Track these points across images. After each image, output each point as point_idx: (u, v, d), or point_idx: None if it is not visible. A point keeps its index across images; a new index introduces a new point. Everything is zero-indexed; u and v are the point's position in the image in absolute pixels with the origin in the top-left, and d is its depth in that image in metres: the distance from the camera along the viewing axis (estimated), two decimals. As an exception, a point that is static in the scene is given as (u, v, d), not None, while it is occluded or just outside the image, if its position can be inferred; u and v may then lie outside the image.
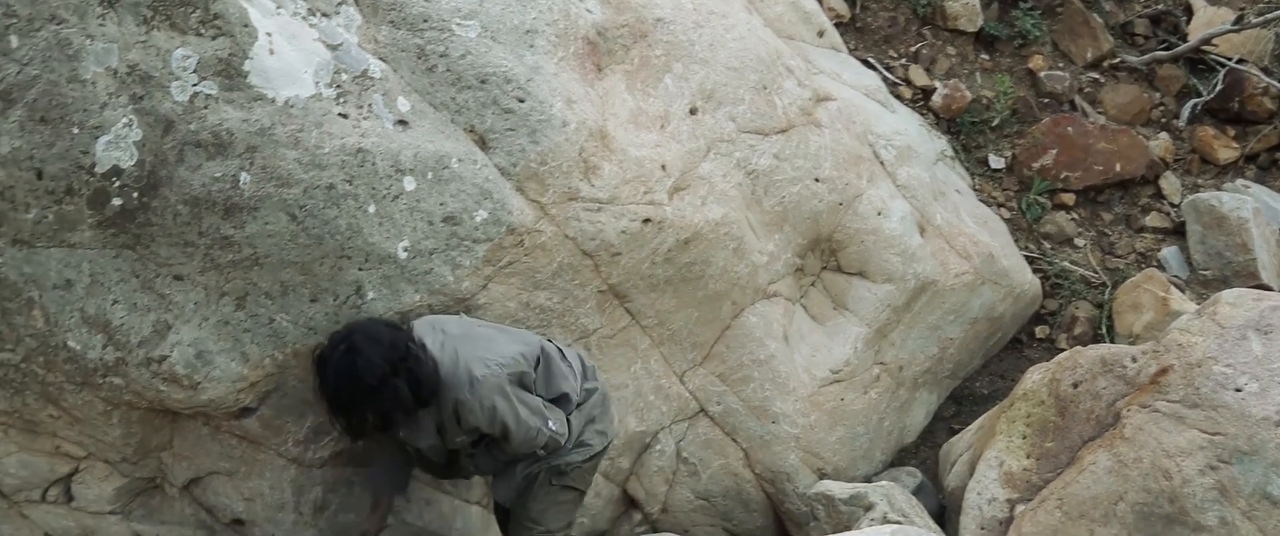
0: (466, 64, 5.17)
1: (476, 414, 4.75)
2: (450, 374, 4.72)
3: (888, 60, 7.90)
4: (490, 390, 4.73)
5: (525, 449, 4.91)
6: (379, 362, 4.61)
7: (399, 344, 4.69)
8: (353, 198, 4.88)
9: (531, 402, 4.88)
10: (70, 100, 4.64)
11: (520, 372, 4.85)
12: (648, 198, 5.52)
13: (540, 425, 4.87)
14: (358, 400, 4.67)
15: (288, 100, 4.82)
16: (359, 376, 4.62)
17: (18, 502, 5.29)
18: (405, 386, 4.65)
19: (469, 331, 4.91)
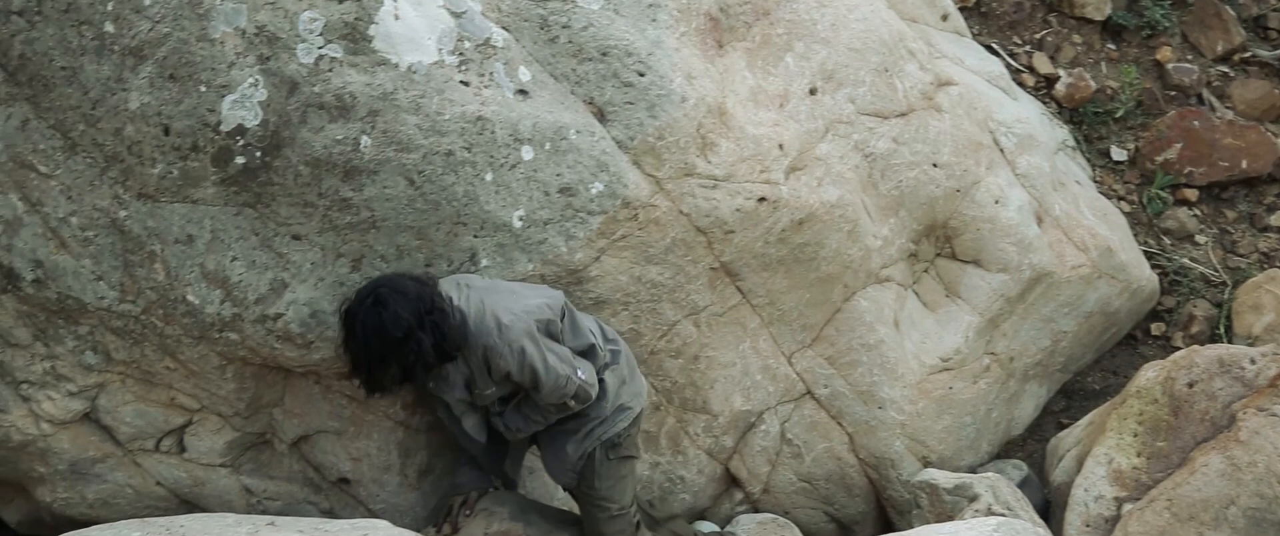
0: (588, 36, 5.17)
1: (506, 358, 4.73)
2: (478, 322, 4.73)
3: (1011, 46, 7.78)
4: (518, 334, 4.72)
5: (555, 397, 4.86)
6: (406, 315, 4.62)
7: (426, 297, 4.69)
8: (471, 165, 4.90)
9: (559, 350, 4.84)
10: (199, 59, 4.71)
11: (546, 320, 4.82)
12: (764, 176, 5.48)
13: (569, 373, 4.82)
14: (384, 353, 4.67)
15: (411, 66, 4.85)
16: (386, 329, 4.63)
17: (132, 451, 5.38)
18: (429, 339, 4.66)
19: (493, 285, 4.92)
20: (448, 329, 4.69)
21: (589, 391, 4.92)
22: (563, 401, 4.90)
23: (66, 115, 4.77)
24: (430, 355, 4.69)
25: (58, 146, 4.80)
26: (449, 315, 4.71)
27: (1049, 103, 7.65)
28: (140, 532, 4.72)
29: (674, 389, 5.67)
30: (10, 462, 5.39)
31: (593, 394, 4.94)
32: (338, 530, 4.77)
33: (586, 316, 5.12)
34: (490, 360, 4.77)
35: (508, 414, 5.04)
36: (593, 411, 5.04)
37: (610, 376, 5.05)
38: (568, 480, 5.18)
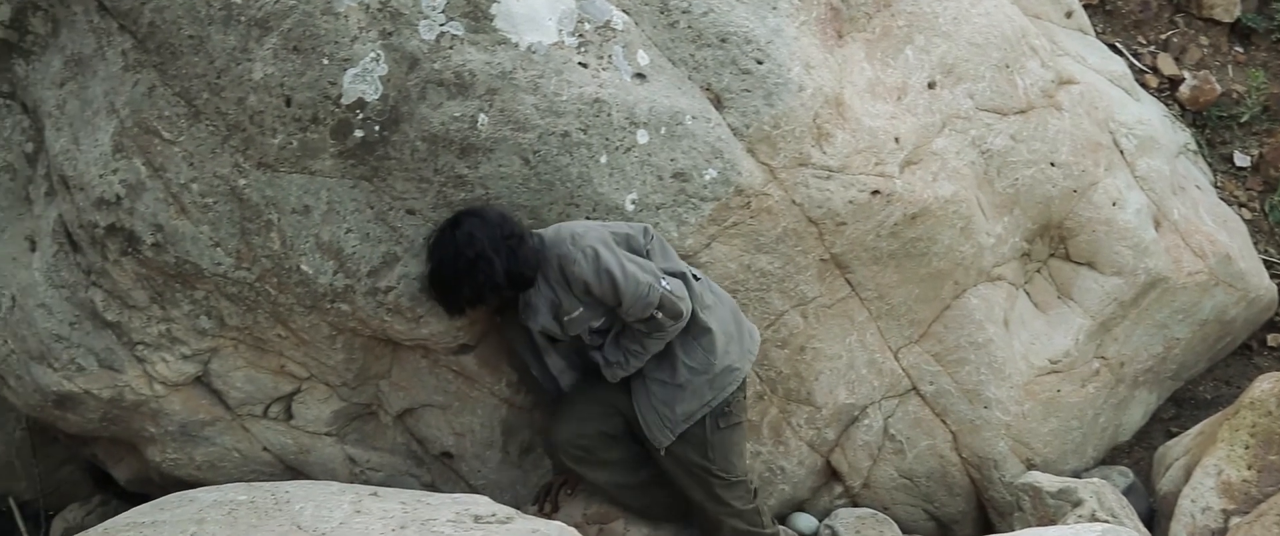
0: (708, 21, 5.15)
1: (581, 263, 4.71)
2: (554, 237, 4.78)
3: (1136, 46, 7.65)
4: (592, 240, 4.72)
5: (639, 309, 4.75)
6: (479, 236, 4.71)
7: (506, 224, 4.75)
8: (586, 147, 4.91)
9: (639, 260, 4.79)
10: (323, 32, 4.75)
11: (625, 235, 4.83)
12: (878, 169, 5.44)
13: (651, 281, 4.73)
14: (457, 273, 4.76)
15: (530, 46, 4.87)
16: (459, 248, 4.72)
17: (241, 416, 5.46)
18: (502, 263, 4.70)
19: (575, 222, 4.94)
20: (522, 252, 4.73)
21: (678, 305, 4.80)
22: (651, 315, 4.77)
23: (192, 83, 4.84)
24: (501, 277, 4.73)
25: (182, 113, 4.87)
26: (525, 242, 4.76)
27: (1172, 105, 7.51)
28: (247, 496, 4.78)
29: (778, 379, 5.64)
30: (123, 421, 5.49)
31: (684, 309, 4.82)
32: (439, 503, 4.81)
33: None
34: (566, 270, 4.75)
35: (607, 347, 4.97)
36: (700, 361, 4.94)
37: (713, 322, 4.94)
38: (665, 439, 5.04)
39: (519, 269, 4.74)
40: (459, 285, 4.79)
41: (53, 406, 5.48)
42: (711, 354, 4.93)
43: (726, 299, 5.09)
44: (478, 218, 4.76)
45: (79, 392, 5.37)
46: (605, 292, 4.74)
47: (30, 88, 5.34)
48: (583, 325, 4.88)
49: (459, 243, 4.73)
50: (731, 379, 5.01)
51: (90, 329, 5.28)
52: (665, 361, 4.95)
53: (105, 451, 5.96)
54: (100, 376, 5.31)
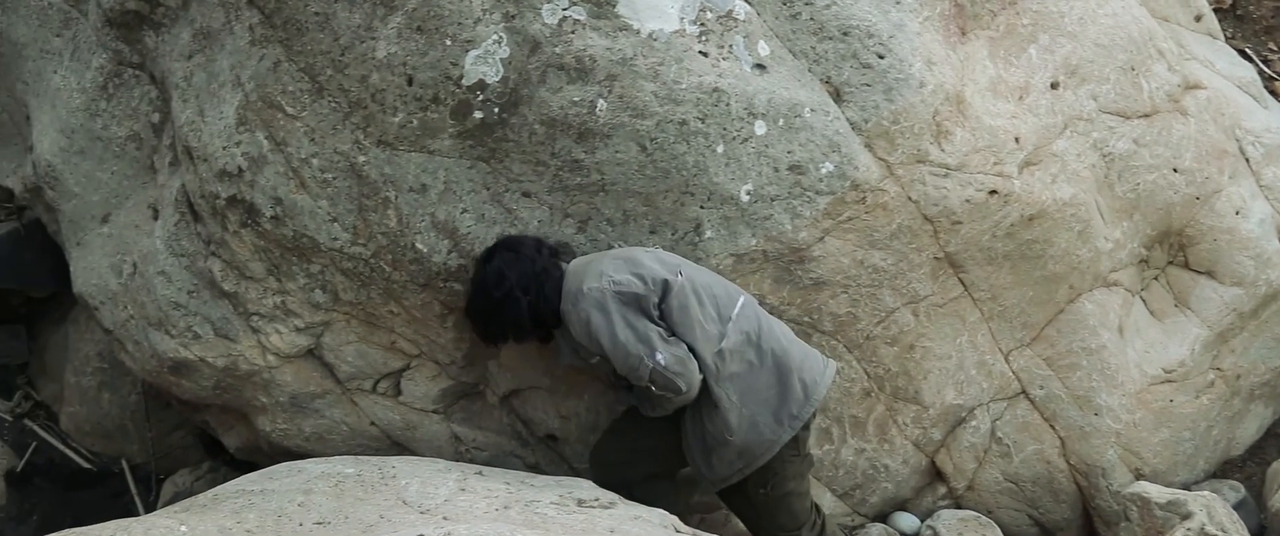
0: (831, 14, 5.11)
1: (575, 328, 4.68)
2: (565, 287, 4.72)
3: (1267, 52, 7.49)
4: (589, 303, 4.61)
5: (633, 379, 4.68)
6: (509, 275, 4.72)
7: (538, 263, 4.74)
8: (703, 136, 4.90)
9: (640, 327, 4.60)
10: (447, 12, 4.79)
11: (634, 295, 4.61)
12: (997, 169, 5.37)
13: (642, 354, 4.56)
14: (485, 310, 4.82)
15: (651, 33, 4.87)
16: (486, 287, 4.76)
17: (350, 390, 5.53)
18: (528, 303, 4.71)
19: (624, 251, 4.84)
20: (549, 292, 4.72)
21: (674, 381, 4.62)
22: (643, 385, 4.68)
23: (316, 60, 4.89)
24: (525, 319, 4.76)
25: (305, 89, 4.93)
26: (554, 281, 4.74)
27: (1301, 113, 7.34)
28: (354, 469, 4.82)
29: (886, 376, 5.60)
30: (235, 390, 5.58)
31: (681, 385, 4.63)
32: (543, 484, 4.82)
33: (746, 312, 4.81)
34: (567, 325, 4.75)
35: (620, 390, 5.01)
36: (715, 431, 4.78)
37: (728, 394, 4.74)
38: (708, 487, 5.06)
39: (545, 310, 4.74)
40: (490, 322, 4.87)
41: (168, 372, 5.58)
42: (726, 429, 4.77)
43: (773, 356, 4.81)
44: (511, 253, 4.79)
45: (194, 360, 5.46)
46: (595, 351, 4.71)
47: (159, 59, 5.44)
48: (606, 369, 4.84)
49: (488, 280, 4.78)
50: (762, 448, 4.83)
51: (208, 298, 5.37)
52: (697, 415, 4.85)
53: (216, 419, 6.06)
54: (215, 345, 5.40)
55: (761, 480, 4.94)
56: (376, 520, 4.37)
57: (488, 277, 4.77)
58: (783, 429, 4.83)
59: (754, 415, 4.79)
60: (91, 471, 6.98)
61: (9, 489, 6.79)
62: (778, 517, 5.07)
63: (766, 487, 4.97)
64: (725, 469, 4.90)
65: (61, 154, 5.76)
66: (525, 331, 4.85)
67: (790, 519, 5.10)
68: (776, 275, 5.19)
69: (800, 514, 5.12)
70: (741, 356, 4.76)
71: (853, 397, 5.61)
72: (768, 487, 4.97)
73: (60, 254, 6.37)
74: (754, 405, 4.79)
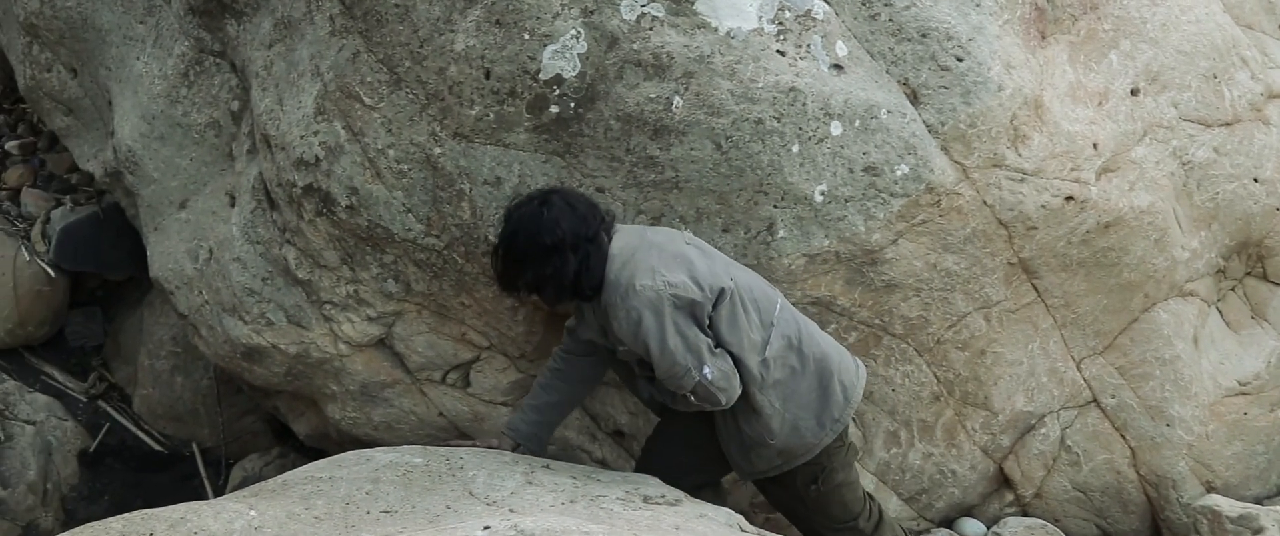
0: (910, 15, 5.08)
1: (620, 322, 4.46)
2: (615, 275, 4.49)
3: (1351, 62, 7.35)
4: (643, 303, 4.41)
5: (671, 385, 4.54)
6: (564, 227, 4.48)
7: (592, 224, 4.54)
8: (779, 135, 4.88)
9: (691, 336, 4.45)
10: (526, 7, 4.80)
11: (689, 300, 4.43)
12: (1074, 175, 5.32)
13: (691, 366, 4.44)
14: (527, 254, 4.54)
15: (730, 31, 4.85)
16: (539, 230, 4.50)
17: (420, 380, 5.56)
18: (574, 265, 4.49)
19: (664, 240, 4.64)
20: (594, 264, 4.51)
21: (716, 395, 4.53)
22: (682, 393, 4.58)
23: (395, 51, 4.92)
24: (568, 279, 4.52)
25: (383, 80, 4.96)
26: (602, 254, 4.52)
27: (1385, 125, 7.20)
28: (422, 459, 4.84)
29: (956, 381, 5.57)
30: (306, 377, 5.63)
31: (722, 399, 4.55)
32: (609, 480, 4.83)
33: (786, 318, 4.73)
34: (609, 316, 4.54)
35: (654, 384, 4.77)
36: (756, 434, 4.72)
37: (771, 401, 4.67)
38: (744, 479, 5.06)
39: (586, 279, 4.54)
40: (524, 267, 4.60)
41: (241, 358, 5.64)
42: (767, 433, 4.71)
43: (815, 361, 4.74)
44: (568, 206, 4.56)
45: (267, 346, 5.51)
46: (639, 351, 4.56)
47: (240, 47, 5.49)
48: (632, 356, 4.74)
49: (542, 224, 4.51)
50: (803, 449, 4.79)
51: (282, 285, 5.42)
52: (735, 418, 4.76)
53: (287, 405, 6.12)
54: (288, 332, 5.45)
55: (810, 476, 4.90)
56: (443, 510, 4.39)
57: (542, 222, 4.50)
58: (825, 432, 4.79)
59: (796, 419, 4.72)
60: (162, 454, 7.07)
61: (81, 469, 6.89)
62: (831, 510, 5.03)
63: (816, 483, 4.92)
64: (764, 464, 4.86)
65: (142, 140, 5.83)
66: (562, 292, 4.59)
67: (843, 510, 5.04)
68: (848, 276, 5.16)
69: (853, 504, 5.06)
70: (784, 362, 4.68)
71: (922, 401, 5.58)
72: (818, 483, 4.92)
73: (137, 238, 6.46)
74: (796, 409, 4.72)
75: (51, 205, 7.50)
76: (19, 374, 7.14)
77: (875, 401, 5.57)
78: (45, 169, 7.88)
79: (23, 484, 6.54)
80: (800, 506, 5.08)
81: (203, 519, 4.20)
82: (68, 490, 6.77)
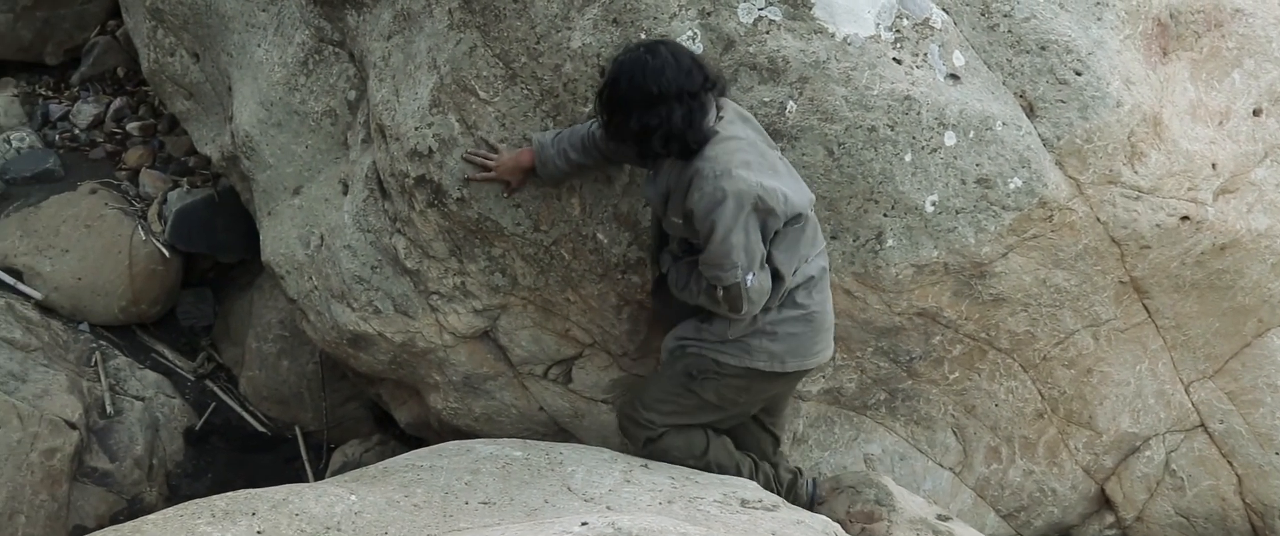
0: (1029, 27, 5.02)
1: (701, 194, 4.36)
2: (716, 151, 4.40)
3: None
4: (733, 188, 4.34)
5: (710, 273, 4.48)
6: (671, 76, 4.32)
7: (698, 81, 4.37)
8: (892, 143, 4.85)
9: (755, 240, 4.43)
10: (643, 6, 4.81)
11: (769, 210, 4.41)
12: (1191, 194, 5.23)
13: (742, 263, 4.41)
14: (630, 99, 4.37)
15: (846, 37, 4.83)
16: (646, 77, 4.33)
17: (522, 374, 5.60)
18: (680, 115, 4.33)
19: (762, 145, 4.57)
20: (698, 121, 4.37)
21: (744, 304, 4.51)
22: (713, 286, 4.52)
23: (512, 46, 4.95)
24: (675, 130, 4.36)
25: (499, 75, 4.99)
26: (706, 113, 4.40)
27: None
28: (522, 452, 4.88)
29: (1061, 398, 5.50)
30: (411, 366, 5.69)
31: (745, 310, 4.54)
32: (707, 482, 4.83)
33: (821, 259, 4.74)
34: (691, 184, 4.42)
35: (680, 263, 4.72)
36: (714, 329, 4.74)
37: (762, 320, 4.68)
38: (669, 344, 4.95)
39: (691, 134, 4.38)
40: (629, 113, 4.41)
41: (347, 344, 5.71)
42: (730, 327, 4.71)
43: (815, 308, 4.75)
44: (674, 57, 4.37)
45: (373, 334, 5.58)
46: (701, 230, 4.44)
47: (359, 38, 5.56)
48: (676, 234, 4.67)
49: (648, 71, 4.34)
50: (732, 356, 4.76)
51: (390, 274, 5.47)
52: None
53: (390, 393, 6.19)
54: (395, 320, 5.51)
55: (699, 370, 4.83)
56: (541, 504, 4.42)
57: (648, 70, 4.34)
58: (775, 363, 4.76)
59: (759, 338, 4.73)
60: (265, 435, 7.18)
61: (186, 446, 7.00)
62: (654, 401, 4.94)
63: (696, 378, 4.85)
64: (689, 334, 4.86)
65: (259, 125, 5.92)
66: (670, 142, 4.40)
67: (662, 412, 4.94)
68: (956, 288, 5.12)
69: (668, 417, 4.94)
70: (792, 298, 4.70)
71: (1025, 418, 5.53)
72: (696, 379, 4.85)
73: (250, 222, 6.57)
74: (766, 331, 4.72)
75: (169, 187, 7.64)
76: (131, 351, 7.28)
77: (977, 415, 5.52)
78: (164, 151, 8.03)
79: (130, 458, 6.67)
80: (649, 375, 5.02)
81: (304, 501, 4.26)
82: (172, 466, 6.88)
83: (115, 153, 8.06)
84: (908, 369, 5.39)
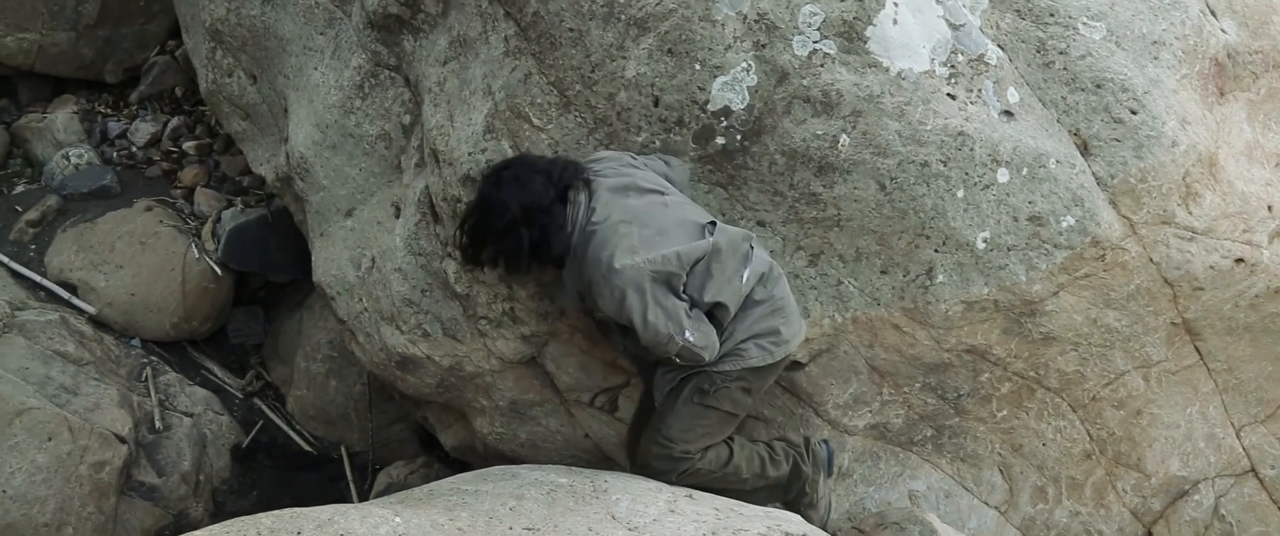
0: (1085, 65, 5.01)
1: (605, 299, 4.57)
2: (595, 252, 4.56)
3: None
4: (624, 282, 4.52)
5: (656, 351, 4.68)
6: (513, 206, 4.59)
7: (546, 196, 4.60)
8: (944, 179, 4.84)
9: (670, 306, 4.58)
10: (698, 37, 4.82)
11: (668, 273, 4.56)
12: (1246, 237, 5.19)
13: (672, 333, 4.58)
14: (484, 231, 4.69)
15: (901, 72, 4.83)
16: (491, 211, 4.64)
17: (568, 401, 5.60)
18: (530, 239, 4.60)
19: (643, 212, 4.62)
20: (553, 237, 4.62)
21: (699, 354, 4.68)
22: (666, 356, 4.72)
23: (566, 75, 4.97)
24: (525, 254, 4.65)
25: (553, 103, 5.02)
26: (562, 227, 4.62)
27: None
28: (566, 479, 4.87)
29: (1109, 440, 5.46)
30: (457, 390, 5.70)
31: (705, 357, 4.70)
32: (752, 515, 4.80)
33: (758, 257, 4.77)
34: (592, 289, 4.63)
35: (629, 338, 4.83)
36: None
37: (739, 324, 4.76)
38: (659, 397, 5.00)
39: (545, 252, 4.67)
40: (482, 247, 4.77)
41: (395, 366, 5.73)
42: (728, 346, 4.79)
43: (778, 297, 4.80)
44: (517, 184, 4.64)
45: (421, 357, 5.59)
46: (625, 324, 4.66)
47: (415, 63, 5.59)
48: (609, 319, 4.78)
49: (494, 205, 4.65)
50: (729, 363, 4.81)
51: (440, 298, 5.49)
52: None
53: (436, 416, 6.21)
54: (443, 344, 5.53)
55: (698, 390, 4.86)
56: (585, 532, 4.41)
57: (492, 205, 4.66)
58: (767, 354, 4.81)
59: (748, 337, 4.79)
60: (311, 454, 7.21)
61: (233, 463, 7.05)
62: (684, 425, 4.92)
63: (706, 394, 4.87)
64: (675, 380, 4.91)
65: (314, 147, 5.97)
66: (519, 266, 4.76)
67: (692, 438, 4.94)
68: (1005, 326, 5.10)
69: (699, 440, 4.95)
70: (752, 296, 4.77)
71: (1072, 458, 5.48)
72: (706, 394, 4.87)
73: (302, 243, 6.61)
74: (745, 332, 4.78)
75: (223, 205, 7.72)
76: (181, 367, 7.34)
77: (1024, 454, 5.48)
78: (219, 170, 8.11)
79: (177, 473, 6.71)
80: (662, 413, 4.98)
81: (350, 521, 4.26)
82: (219, 483, 6.93)
83: (171, 171, 8.15)
84: (955, 406, 5.36)
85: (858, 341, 5.09)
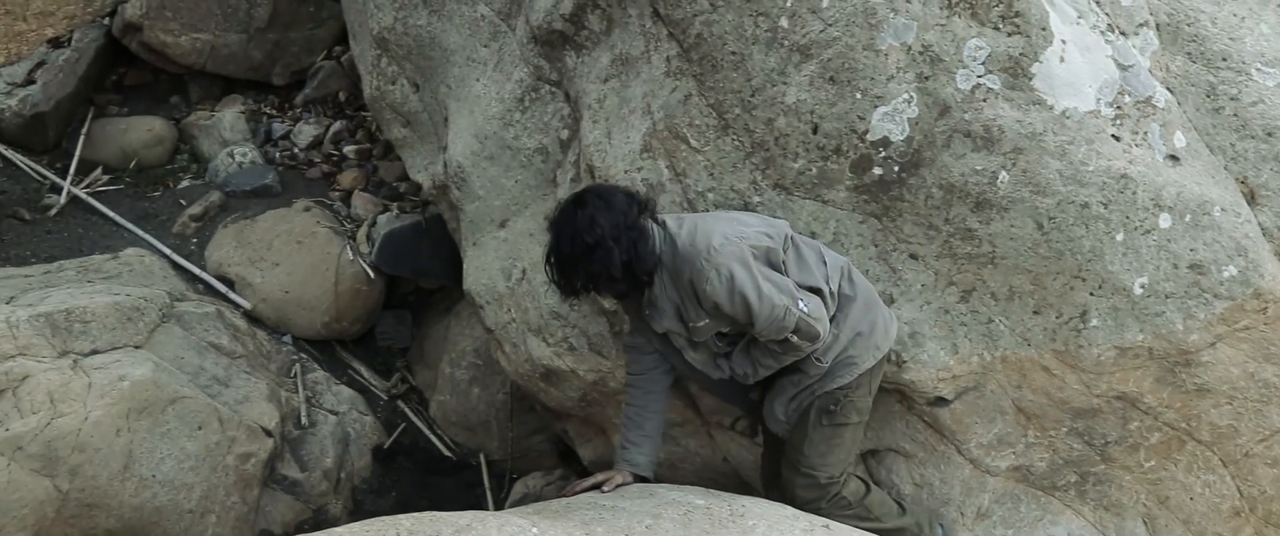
0: (1256, 112, 4.90)
1: (714, 283, 4.49)
2: (688, 246, 4.55)
3: None
4: (728, 257, 4.48)
5: (773, 332, 4.56)
6: (602, 222, 4.53)
7: (630, 213, 4.58)
8: (1104, 221, 4.77)
9: (777, 279, 4.55)
10: (860, 66, 4.81)
11: (765, 248, 4.57)
12: None
13: (787, 303, 4.51)
14: (574, 256, 4.58)
15: (1065, 110, 4.77)
16: (578, 231, 4.55)
17: (710, 423, 5.61)
18: (621, 255, 4.52)
19: (714, 214, 4.79)
20: (643, 249, 4.57)
21: (815, 326, 4.59)
22: (785, 337, 4.60)
23: (726, 97, 4.99)
24: (618, 269, 4.56)
25: (711, 125, 5.03)
26: (648, 237, 4.60)
27: None
28: (703, 501, 4.86)
29: (1260, 498, 5.31)
30: (599, 405, 5.74)
31: (821, 330, 4.62)
32: (888, 549, 4.79)
33: (830, 255, 4.80)
34: (697, 286, 4.56)
35: (735, 356, 4.82)
36: (811, 368, 4.76)
37: (842, 329, 4.73)
38: (780, 427, 4.96)
39: (637, 265, 4.59)
40: (575, 269, 4.65)
41: (539, 378, 5.79)
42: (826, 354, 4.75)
43: (864, 289, 4.82)
44: (603, 201, 4.61)
45: (566, 370, 5.64)
46: (738, 313, 4.56)
47: (576, 79, 5.65)
48: (709, 333, 4.74)
49: (580, 226, 4.57)
50: (845, 372, 4.80)
51: (587, 312, 5.54)
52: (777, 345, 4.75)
53: (576, 429, 6.25)
54: (588, 359, 5.57)
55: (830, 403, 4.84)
56: (721, 555, 4.41)
57: (580, 224, 4.57)
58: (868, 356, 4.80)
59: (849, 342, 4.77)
60: (450, 459, 7.30)
61: (374, 463, 7.15)
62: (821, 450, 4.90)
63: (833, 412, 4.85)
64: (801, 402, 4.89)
65: (472, 158, 6.05)
66: (614, 284, 4.65)
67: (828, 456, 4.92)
68: (1159, 375, 4.99)
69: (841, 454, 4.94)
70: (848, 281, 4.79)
71: (1220, 514, 5.35)
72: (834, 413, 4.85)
73: (454, 250, 6.70)
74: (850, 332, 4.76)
75: (379, 210, 7.86)
76: (329, 365, 7.48)
77: (1170, 507, 5.36)
78: (377, 175, 8.26)
79: (319, 470, 6.83)
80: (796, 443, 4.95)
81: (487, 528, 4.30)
82: (359, 482, 7.03)
83: (331, 173, 8.33)
84: (1102, 453, 5.26)
85: (1006, 381, 5.02)
